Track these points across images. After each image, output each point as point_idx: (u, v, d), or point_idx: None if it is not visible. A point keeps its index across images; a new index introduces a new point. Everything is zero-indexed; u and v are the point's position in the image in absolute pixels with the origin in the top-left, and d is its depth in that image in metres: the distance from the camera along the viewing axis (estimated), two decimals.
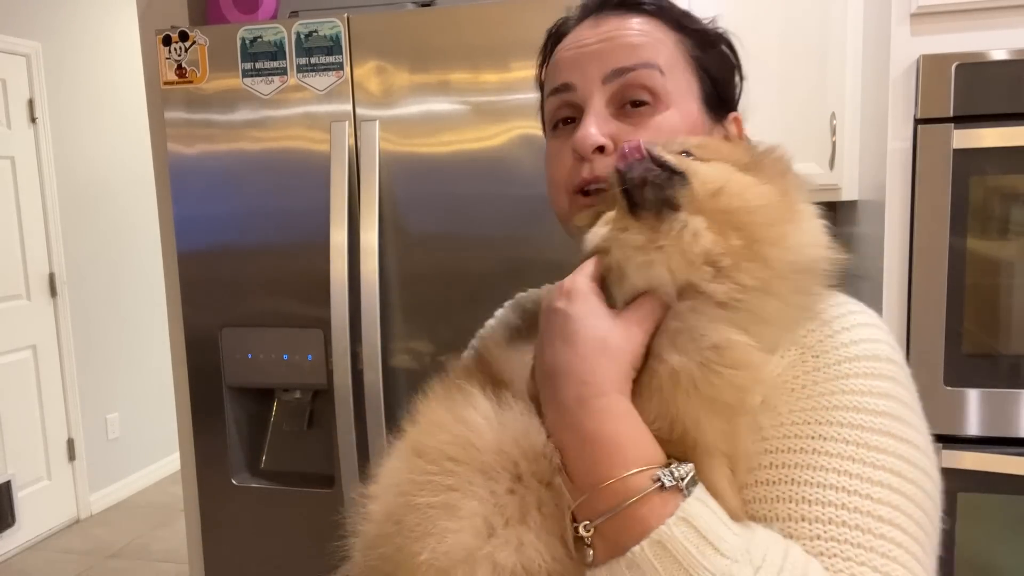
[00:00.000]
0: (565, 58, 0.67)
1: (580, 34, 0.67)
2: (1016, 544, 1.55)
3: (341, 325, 1.62)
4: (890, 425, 0.53)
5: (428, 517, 0.51)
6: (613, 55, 0.64)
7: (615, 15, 0.67)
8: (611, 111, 0.65)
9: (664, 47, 0.66)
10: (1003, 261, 1.51)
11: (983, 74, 1.47)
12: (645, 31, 0.66)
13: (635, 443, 0.50)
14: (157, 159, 1.98)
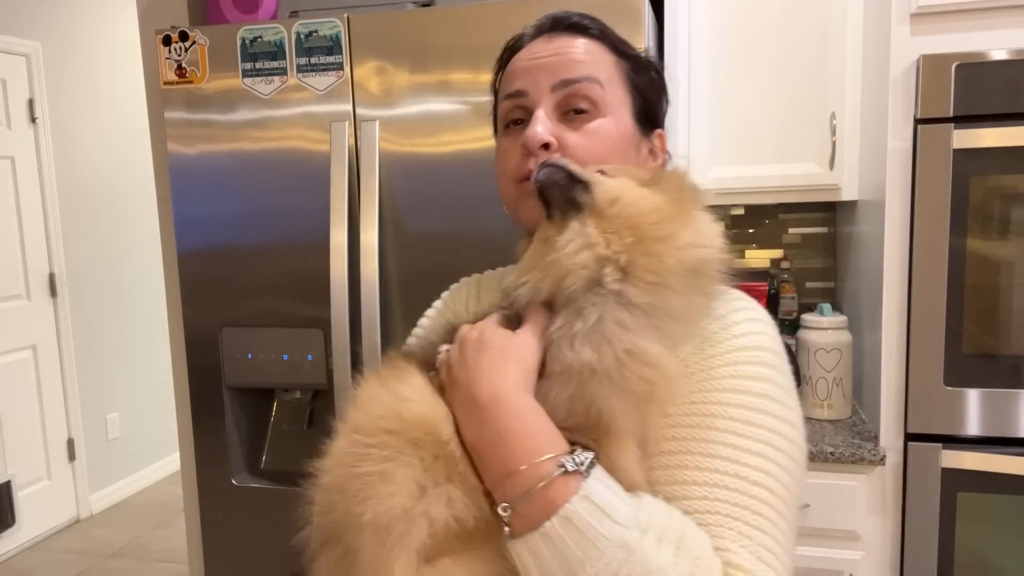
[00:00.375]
0: (520, 68, 0.79)
1: (534, 48, 0.79)
2: (1016, 544, 1.55)
3: (341, 325, 1.62)
4: (768, 405, 0.65)
5: (368, 483, 0.61)
6: (561, 68, 0.76)
7: (565, 35, 0.79)
8: (556, 116, 0.76)
9: (604, 65, 0.78)
10: (1003, 261, 1.51)
11: (983, 74, 1.47)
12: (590, 51, 0.78)
13: (542, 434, 0.61)
14: (157, 159, 1.98)
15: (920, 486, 1.58)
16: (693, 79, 1.89)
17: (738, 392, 0.64)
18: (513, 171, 0.77)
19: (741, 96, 1.88)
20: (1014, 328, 1.52)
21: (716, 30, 1.88)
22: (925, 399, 1.57)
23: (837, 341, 1.78)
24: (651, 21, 1.66)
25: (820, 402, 1.81)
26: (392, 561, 0.59)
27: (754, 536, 0.60)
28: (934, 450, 1.56)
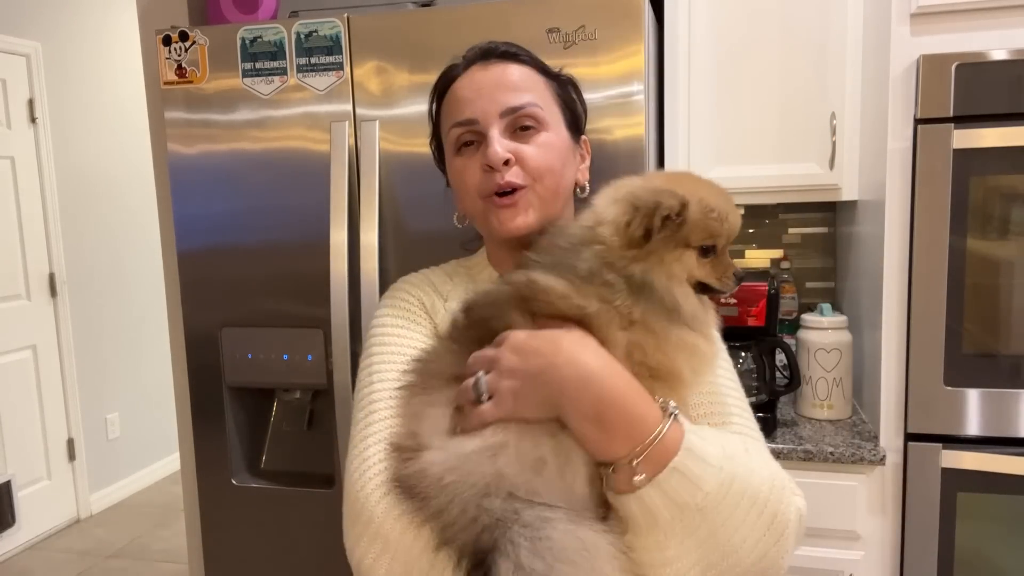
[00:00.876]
0: (465, 97, 0.88)
1: (473, 77, 0.89)
2: (1016, 544, 1.55)
3: (341, 325, 1.62)
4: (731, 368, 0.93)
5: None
6: (505, 95, 0.86)
7: (500, 63, 0.89)
8: (507, 135, 0.87)
9: (538, 88, 0.89)
10: (1003, 261, 1.51)
11: (983, 74, 1.47)
12: (525, 77, 0.89)
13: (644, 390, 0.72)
14: (157, 159, 1.98)
15: (920, 486, 1.58)
16: (693, 79, 1.89)
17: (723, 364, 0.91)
18: (479, 187, 0.87)
19: (741, 96, 1.88)
20: (1014, 328, 1.52)
21: (716, 30, 1.88)
22: (925, 399, 1.57)
23: (837, 341, 1.78)
24: (651, 21, 1.66)
25: (820, 402, 1.81)
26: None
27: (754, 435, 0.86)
28: (934, 450, 1.56)
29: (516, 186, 0.86)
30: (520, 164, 0.86)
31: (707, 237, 0.74)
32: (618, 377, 0.71)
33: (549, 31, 1.49)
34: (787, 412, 1.88)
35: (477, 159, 0.87)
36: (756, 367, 1.77)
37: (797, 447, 1.63)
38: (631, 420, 0.69)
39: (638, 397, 0.70)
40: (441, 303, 0.94)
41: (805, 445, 1.64)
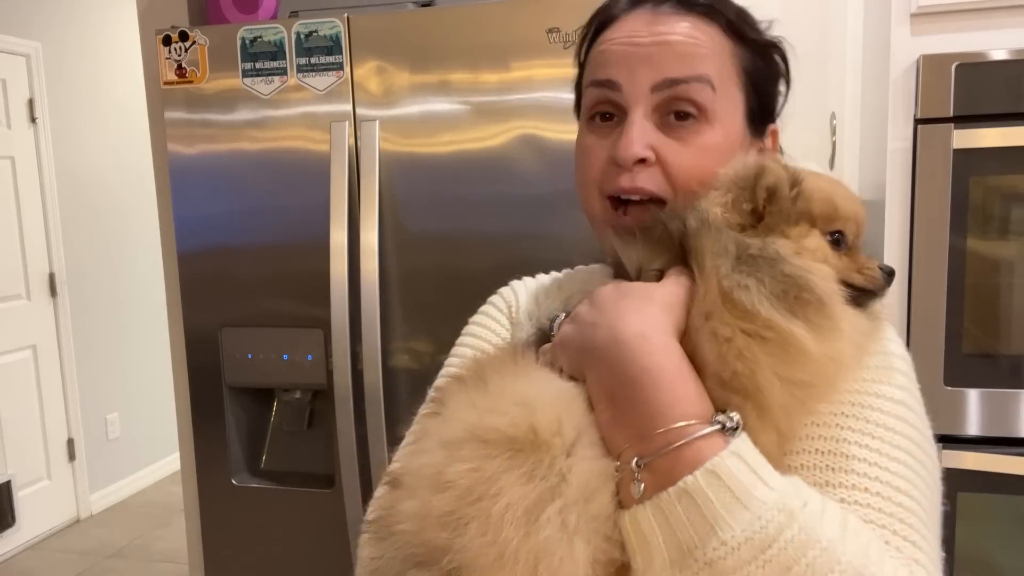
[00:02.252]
0: (615, 51, 0.65)
1: (634, 26, 0.65)
2: (1016, 544, 1.55)
3: (341, 325, 1.62)
4: (904, 413, 0.58)
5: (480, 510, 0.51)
6: (666, 62, 0.63)
7: (672, 11, 0.65)
8: (655, 119, 0.64)
9: (718, 59, 0.65)
10: (1003, 261, 1.51)
11: (983, 74, 1.47)
12: (701, 40, 0.64)
13: (690, 382, 0.52)
14: (157, 159, 1.98)
15: None
16: None
17: (874, 396, 0.58)
18: (599, 182, 0.67)
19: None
20: (1014, 328, 1.52)
21: None
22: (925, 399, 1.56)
23: None
24: None
25: None
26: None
27: (904, 547, 0.52)
28: None
29: (648, 194, 0.64)
30: (661, 167, 0.64)
31: (832, 220, 0.59)
32: (657, 353, 0.52)
33: (549, 31, 1.49)
34: None
35: (608, 144, 0.66)
36: None
37: None
38: (649, 407, 0.51)
39: (675, 382, 0.52)
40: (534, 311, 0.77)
41: None
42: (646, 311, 0.54)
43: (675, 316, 0.55)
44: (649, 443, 0.50)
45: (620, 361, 0.53)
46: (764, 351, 0.53)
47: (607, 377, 0.53)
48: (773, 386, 0.52)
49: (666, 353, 0.53)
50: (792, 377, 0.53)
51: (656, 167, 0.64)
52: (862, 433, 0.56)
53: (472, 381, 0.58)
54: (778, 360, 0.53)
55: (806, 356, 0.53)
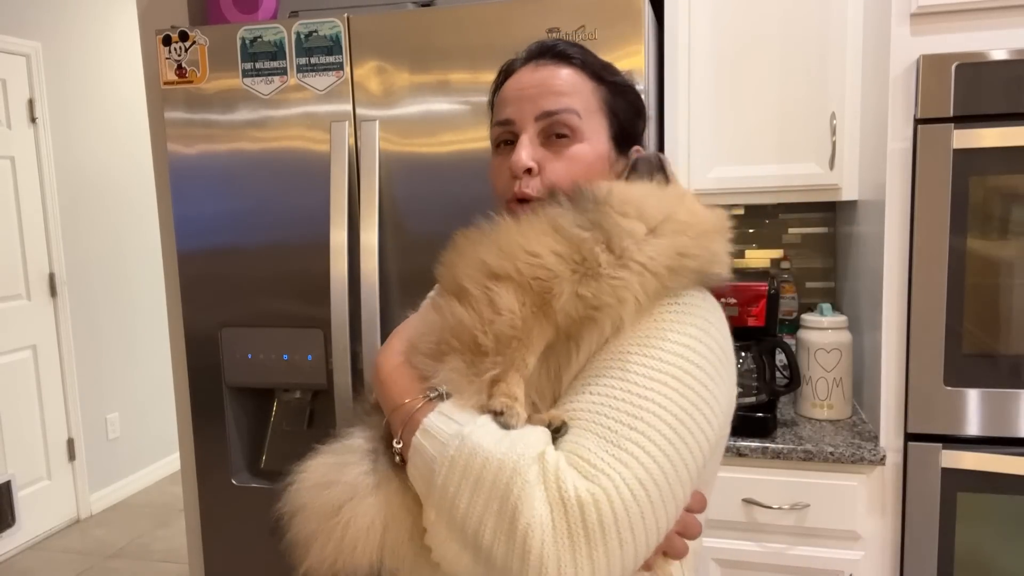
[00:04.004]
0: (509, 97, 0.88)
1: (521, 78, 0.88)
2: (1016, 544, 1.55)
3: (341, 325, 1.62)
4: (687, 353, 0.73)
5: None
6: (543, 99, 0.85)
7: (551, 64, 0.87)
8: (540, 140, 0.86)
9: (583, 96, 0.86)
10: (1003, 261, 1.51)
11: (983, 74, 1.47)
12: (571, 82, 0.86)
13: (411, 383, 0.79)
14: (157, 159, 1.98)
15: (920, 486, 1.58)
16: (693, 79, 1.89)
17: (663, 338, 0.73)
18: (502, 191, 0.88)
19: (741, 96, 1.88)
20: (1014, 328, 1.52)
21: (716, 30, 1.88)
22: (925, 399, 1.57)
23: (837, 341, 1.78)
24: (651, 21, 1.66)
25: (820, 402, 1.81)
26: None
27: (620, 442, 0.67)
28: (934, 450, 1.56)
29: (530, 197, 0.85)
30: (542, 174, 0.85)
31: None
32: (388, 365, 0.82)
33: (549, 31, 1.49)
34: (787, 412, 1.88)
35: (508, 161, 0.87)
36: (756, 367, 1.77)
37: (797, 447, 1.63)
38: (394, 399, 0.78)
39: (401, 380, 0.79)
40: None
41: (805, 445, 1.64)
42: (390, 345, 0.85)
43: (405, 337, 0.84)
44: (395, 425, 0.76)
45: (377, 374, 0.83)
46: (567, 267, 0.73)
47: (376, 386, 0.83)
48: (564, 289, 0.72)
49: (399, 373, 0.80)
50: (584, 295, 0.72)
51: (538, 177, 0.85)
52: (642, 356, 0.72)
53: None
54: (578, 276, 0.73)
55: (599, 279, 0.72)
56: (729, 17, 1.87)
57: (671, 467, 0.67)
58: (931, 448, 1.56)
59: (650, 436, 0.67)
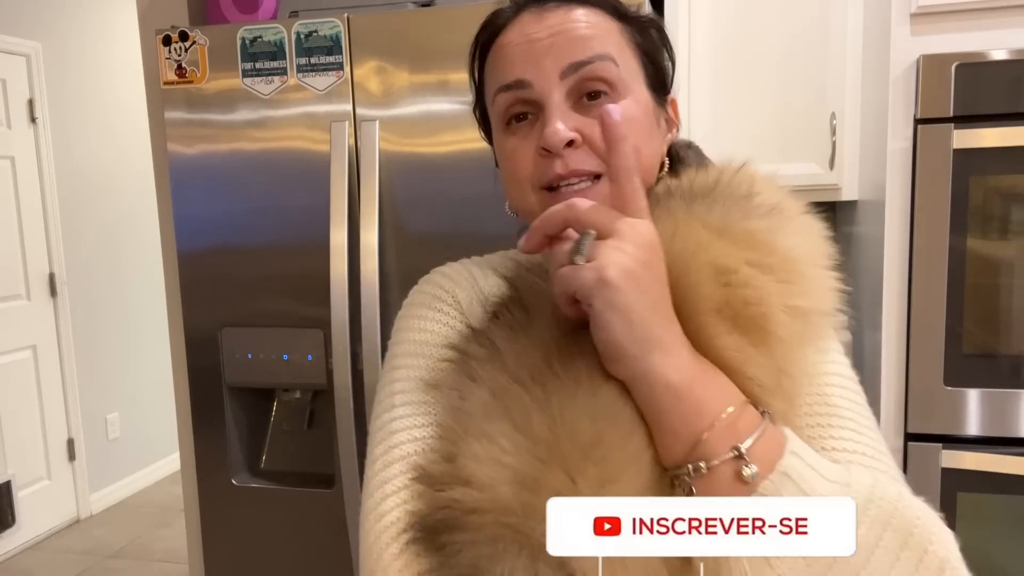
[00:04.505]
0: (513, 53, 0.67)
1: (525, 28, 0.67)
2: (1016, 544, 1.55)
3: (341, 325, 1.62)
4: (845, 361, 0.74)
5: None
6: (567, 49, 0.65)
7: (558, 7, 0.67)
8: (569, 104, 0.66)
9: (612, 37, 0.67)
10: (1003, 261, 1.51)
11: (983, 74, 1.47)
12: (592, 22, 0.67)
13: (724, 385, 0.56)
14: (157, 159, 1.98)
15: (920, 486, 1.57)
16: (693, 79, 1.89)
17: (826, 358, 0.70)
18: (532, 177, 0.67)
19: (741, 96, 1.88)
20: (1014, 328, 1.52)
21: (716, 30, 1.87)
22: (925, 399, 1.56)
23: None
24: None
25: None
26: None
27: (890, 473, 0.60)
28: (934, 450, 1.56)
29: (585, 174, 0.65)
30: (590, 145, 0.64)
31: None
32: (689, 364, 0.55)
33: None
34: None
35: (532, 140, 0.66)
36: None
37: None
38: (712, 408, 0.53)
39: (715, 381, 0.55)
40: (481, 301, 0.71)
41: None
42: (662, 315, 0.54)
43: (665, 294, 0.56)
44: (736, 432, 0.53)
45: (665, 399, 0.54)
46: (771, 278, 0.56)
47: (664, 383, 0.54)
48: (780, 316, 0.56)
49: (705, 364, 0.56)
50: (795, 306, 0.57)
51: (584, 147, 0.65)
52: (837, 386, 0.65)
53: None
54: (783, 286, 0.56)
55: (802, 277, 0.57)
56: (729, 17, 1.87)
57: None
58: (931, 448, 1.56)
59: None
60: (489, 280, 0.74)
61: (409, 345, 0.71)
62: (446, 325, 0.70)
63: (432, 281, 0.76)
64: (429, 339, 0.70)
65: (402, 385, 0.68)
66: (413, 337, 0.71)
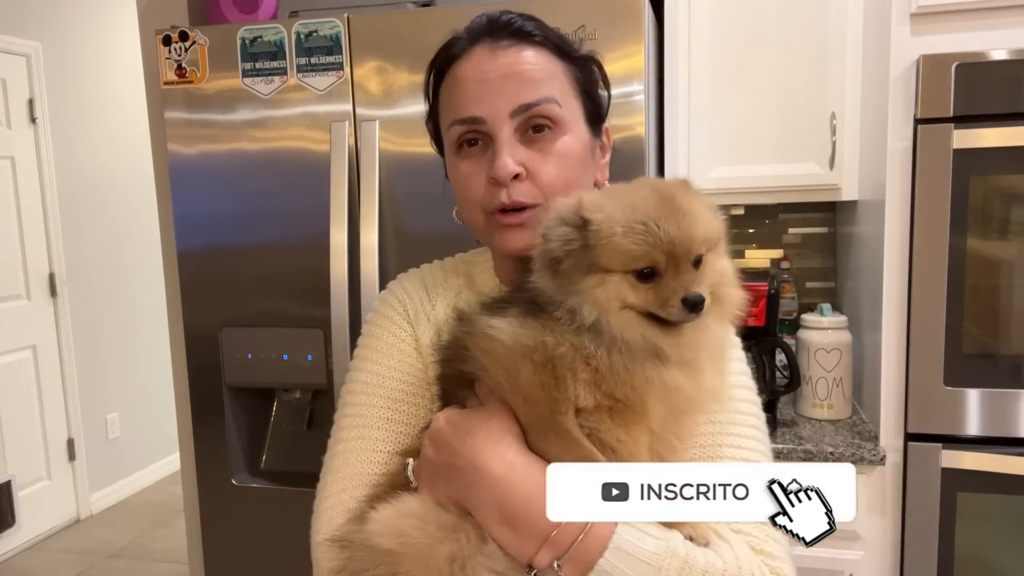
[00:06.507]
0: (468, 89, 0.76)
1: (480, 64, 0.76)
2: (1016, 544, 1.55)
3: (341, 325, 1.62)
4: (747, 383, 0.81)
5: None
6: (517, 91, 0.74)
7: (511, 46, 0.76)
8: (517, 137, 0.75)
9: (557, 79, 0.77)
10: (1003, 261, 1.51)
11: (983, 74, 1.47)
12: (539, 64, 0.76)
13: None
14: (157, 159, 1.98)
15: (920, 486, 1.58)
16: (693, 79, 1.89)
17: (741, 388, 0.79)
18: (482, 201, 0.77)
19: (741, 96, 1.88)
20: (1014, 328, 1.52)
21: (716, 30, 1.87)
22: (925, 399, 1.56)
23: (837, 341, 1.78)
24: (651, 21, 1.66)
25: (820, 402, 1.81)
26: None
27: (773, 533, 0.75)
28: (934, 450, 1.56)
29: (525, 205, 0.75)
30: (531, 178, 0.74)
31: (629, 259, 0.63)
32: (528, 479, 0.64)
33: None
34: (787, 412, 1.88)
35: (483, 166, 0.76)
36: (756, 367, 1.77)
37: (797, 447, 1.63)
38: (545, 523, 0.62)
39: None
40: (428, 310, 0.87)
41: (805, 445, 1.64)
42: (498, 443, 0.66)
43: (514, 435, 0.67)
44: (559, 544, 0.63)
45: (505, 495, 0.64)
46: (638, 382, 0.64)
47: (498, 510, 0.65)
48: (656, 407, 0.65)
49: (533, 476, 0.64)
50: (671, 403, 0.65)
51: (527, 180, 0.74)
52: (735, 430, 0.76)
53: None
54: (651, 390, 0.64)
55: (668, 385, 0.64)
56: (729, 17, 1.87)
57: None
58: (931, 448, 1.56)
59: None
60: (438, 288, 0.89)
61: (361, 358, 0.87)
62: (394, 336, 0.86)
63: (389, 298, 0.91)
64: (376, 351, 0.86)
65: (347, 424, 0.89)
66: (362, 354, 0.88)
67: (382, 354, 0.86)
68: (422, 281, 0.91)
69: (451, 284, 0.89)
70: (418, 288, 0.90)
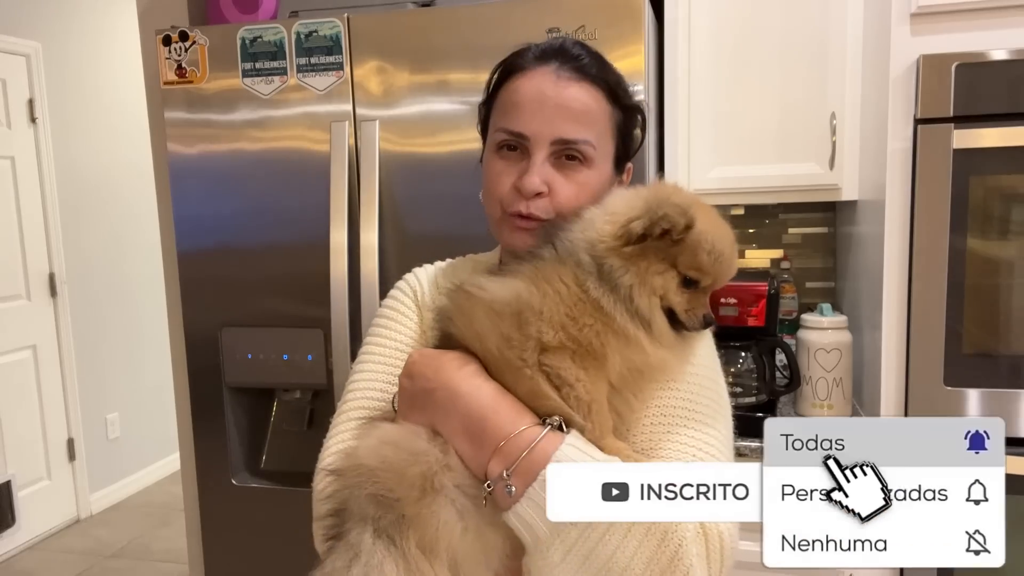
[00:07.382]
0: (524, 106, 0.85)
1: (542, 85, 0.85)
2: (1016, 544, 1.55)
3: (341, 325, 1.62)
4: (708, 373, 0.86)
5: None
6: (563, 124, 0.84)
7: (572, 80, 0.85)
8: (550, 160, 0.85)
9: (600, 123, 0.86)
10: (1003, 261, 1.51)
11: (983, 74, 1.47)
12: (590, 105, 0.85)
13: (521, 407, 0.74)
14: (157, 159, 1.98)
15: None
16: (693, 79, 1.89)
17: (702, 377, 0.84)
18: (504, 199, 0.86)
19: (741, 96, 1.88)
20: (1014, 328, 1.52)
21: (716, 30, 1.87)
22: (925, 399, 1.56)
23: (837, 341, 1.78)
24: (651, 21, 1.66)
25: (820, 402, 1.80)
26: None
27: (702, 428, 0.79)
28: None
29: (538, 219, 0.85)
30: (551, 196, 0.85)
31: (696, 270, 0.75)
32: (487, 396, 0.74)
33: (549, 31, 1.49)
34: (787, 412, 1.88)
35: (514, 172, 0.86)
36: (756, 367, 1.77)
37: None
38: (500, 434, 0.71)
39: (511, 412, 0.73)
40: (437, 300, 0.95)
41: None
42: (462, 367, 0.76)
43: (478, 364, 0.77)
44: (508, 455, 0.70)
45: (467, 407, 0.73)
46: (615, 338, 0.73)
47: (461, 421, 0.73)
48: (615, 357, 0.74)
49: (495, 394, 0.74)
50: (629, 360, 0.74)
51: (547, 198, 0.84)
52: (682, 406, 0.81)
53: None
54: (623, 346, 0.74)
55: (637, 342, 0.74)
56: (729, 17, 1.87)
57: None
58: None
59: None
60: (444, 281, 0.98)
61: (372, 336, 0.98)
62: (404, 317, 0.98)
63: (405, 279, 1.03)
64: (386, 333, 0.96)
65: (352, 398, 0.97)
66: (376, 331, 0.98)
67: (392, 329, 0.97)
68: (433, 275, 1.02)
69: (460, 279, 0.96)
70: (429, 280, 1.01)
